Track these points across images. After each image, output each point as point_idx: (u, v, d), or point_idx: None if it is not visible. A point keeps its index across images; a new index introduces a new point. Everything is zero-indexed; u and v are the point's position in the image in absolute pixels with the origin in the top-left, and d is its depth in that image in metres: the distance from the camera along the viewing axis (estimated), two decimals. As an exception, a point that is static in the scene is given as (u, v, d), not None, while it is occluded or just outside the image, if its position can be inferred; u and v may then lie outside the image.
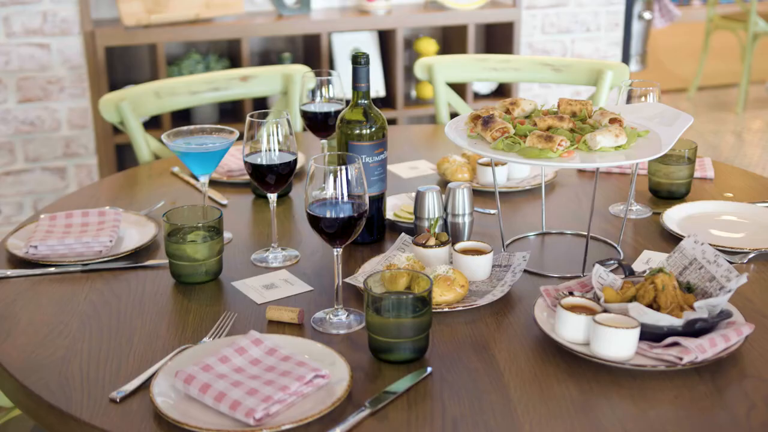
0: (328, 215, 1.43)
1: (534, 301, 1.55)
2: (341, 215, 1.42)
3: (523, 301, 1.57)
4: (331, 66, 3.69)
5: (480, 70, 2.81)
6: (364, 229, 1.80)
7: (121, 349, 1.43)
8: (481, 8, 3.73)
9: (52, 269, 1.70)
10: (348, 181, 1.42)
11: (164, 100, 2.57)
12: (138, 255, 1.78)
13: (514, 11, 3.70)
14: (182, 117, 3.64)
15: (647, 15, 4.29)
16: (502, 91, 3.91)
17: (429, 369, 1.34)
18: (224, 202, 2.07)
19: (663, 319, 1.35)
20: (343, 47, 3.70)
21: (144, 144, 2.47)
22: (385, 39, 3.75)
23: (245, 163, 1.71)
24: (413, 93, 3.92)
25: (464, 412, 1.25)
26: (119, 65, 3.72)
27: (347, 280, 1.62)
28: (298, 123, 2.67)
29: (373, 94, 3.61)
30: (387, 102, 3.75)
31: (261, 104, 3.67)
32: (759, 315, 1.49)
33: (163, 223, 1.65)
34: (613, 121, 1.66)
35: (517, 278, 1.60)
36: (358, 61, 1.73)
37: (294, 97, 2.67)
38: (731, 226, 1.84)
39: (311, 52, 3.71)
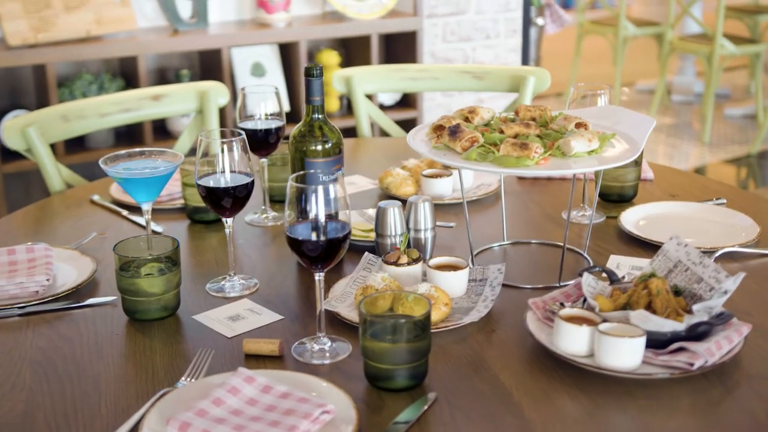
0: (311, 238, 1.33)
1: (516, 314, 1.50)
2: (325, 237, 1.33)
3: (506, 314, 1.52)
4: (233, 82, 3.56)
5: (399, 80, 2.76)
6: (323, 250, 1.71)
7: (88, 398, 1.29)
8: (383, 18, 3.68)
9: (-14, 315, 1.54)
10: (332, 200, 1.32)
11: (72, 123, 2.40)
12: (78, 293, 1.63)
13: (416, 20, 3.67)
14: (75, 143, 3.43)
15: (540, 21, 4.36)
16: (407, 101, 3.87)
17: (434, 395, 1.27)
18: (159, 229, 1.93)
19: (666, 325, 1.32)
20: (243, 62, 3.58)
21: (56, 172, 2.29)
22: (287, 52, 3.65)
23: (198, 186, 1.59)
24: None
25: (484, 438, 1.18)
26: (2, 89, 3.47)
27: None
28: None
29: (277, 109, 3.49)
30: (292, 117, 3.65)
31: (162, 126, 3.50)
32: (743, 313, 1.48)
33: (114, 256, 1.51)
34: (579, 125, 1.63)
35: (497, 292, 1.55)
36: (311, 73, 1.65)
37: (210, 115, 2.54)
38: (688, 226, 1.84)
39: (210, 67, 3.57)
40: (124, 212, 2.03)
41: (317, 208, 1.32)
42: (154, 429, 1.18)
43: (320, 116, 1.67)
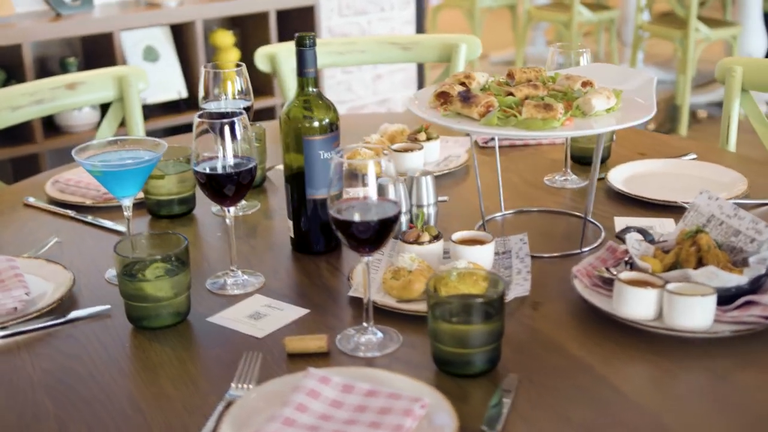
0: (362, 219, 1.21)
1: (550, 284, 1.45)
2: (377, 217, 1.22)
3: (543, 284, 1.45)
4: (124, 68, 3.31)
5: (325, 55, 2.63)
6: (322, 236, 1.59)
7: (132, 420, 1.13)
8: (277, -6, 3.52)
9: (-36, 339, 1.33)
10: (383, 176, 1.21)
11: (-18, 119, 2.15)
12: (61, 305, 1.44)
13: (312, -5, 3.54)
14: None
15: (426, -8, 4.31)
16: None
17: (516, 376, 1.19)
18: (122, 229, 1.74)
19: (731, 280, 1.29)
20: (134, 46, 3.34)
21: (-26, 174, 2.04)
22: (180, 34, 3.43)
23: (196, 172, 1.43)
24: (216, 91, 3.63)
25: (589, 415, 1.11)
26: None
27: (351, 293, 1.41)
28: (140, 127, 2.35)
29: (175, 95, 3.30)
30: (191, 103, 3.44)
31: (50, 122, 3.21)
32: (772, 263, 1.48)
33: (114, 258, 1.34)
34: (585, 84, 1.58)
35: (528, 263, 1.48)
36: (304, 42, 1.51)
37: (132, 101, 2.34)
38: (676, 182, 1.84)
39: (97, 53, 3.30)
40: (71, 213, 1.83)
41: (369, 186, 1.21)
42: (233, 447, 1.04)
43: (314, 90, 1.54)
